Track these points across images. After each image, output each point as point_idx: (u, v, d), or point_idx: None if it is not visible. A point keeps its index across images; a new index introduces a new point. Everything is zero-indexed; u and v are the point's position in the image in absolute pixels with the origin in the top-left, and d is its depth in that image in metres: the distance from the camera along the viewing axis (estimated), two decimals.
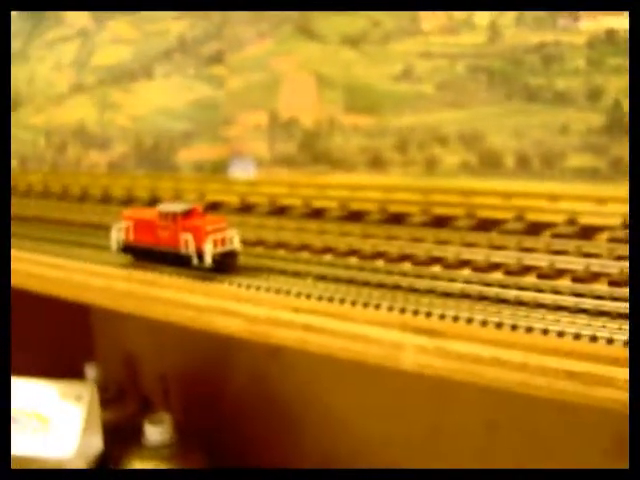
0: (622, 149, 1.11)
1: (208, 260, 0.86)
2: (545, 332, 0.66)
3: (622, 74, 1.10)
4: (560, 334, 0.65)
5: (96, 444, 1.20)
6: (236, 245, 0.89)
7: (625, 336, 0.63)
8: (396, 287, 0.79)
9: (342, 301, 0.77)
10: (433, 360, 0.68)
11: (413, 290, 0.78)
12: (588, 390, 0.62)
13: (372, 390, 1.26)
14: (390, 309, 0.74)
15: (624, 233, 0.90)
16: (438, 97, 1.24)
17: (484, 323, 0.68)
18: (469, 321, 0.69)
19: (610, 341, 0.63)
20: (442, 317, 0.70)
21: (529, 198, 1.04)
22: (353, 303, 0.76)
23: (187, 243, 0.88)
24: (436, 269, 0.84)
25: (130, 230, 0.94)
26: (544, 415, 1.09)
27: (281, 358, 1.36)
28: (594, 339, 0.64)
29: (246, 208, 1.19)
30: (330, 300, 0.78)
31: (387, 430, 1.28)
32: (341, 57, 1.33)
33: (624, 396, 0.60)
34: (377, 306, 0.74)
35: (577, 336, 0.64)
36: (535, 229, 0.96)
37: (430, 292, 0.77)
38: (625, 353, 0.62)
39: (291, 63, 1.39)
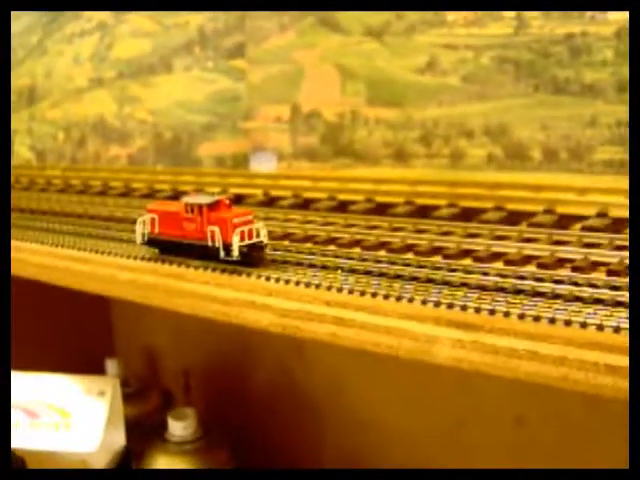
0: None
1: (235, 253, 0.85)
2: (584, 325, 0.64)
3: None
4: (600, 327, 0.64)
5: (119, 439, 1.19)
6: (263, 238, 0.87)
7: None
8: (429, 280, 0.78)
9: (374, 294, 0.76)
10: (469, 354, 0.67)
11: (446, 283, 0.77)
12: (627, 384, 0.60)
13: (398, 384, 1.25)
14: (424, 302, 0.72)
15: None
16: (463, 89, 1.23)
17: (521, 316, 0.67)
18: (506, 314, 0.68)
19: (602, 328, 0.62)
20: (477, 310, 0.69)
21: (558, 191, 1.03)
22: (386, 296, 0.75)
23: (214, 236, 0.86)
24: (467, 262, 0.83)
25: (155, 223, 0.93)
26: (574, 410, 1.08)
27: (306, 353, 1.35)
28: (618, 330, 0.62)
29: (269, 201, 1.18)
30: (362, 294, 0.76)
31: (413, 425, 1.27)
32: (364, 49, 1.32)
33: None
34: (410, 299, 0.73)
35: (617, 329, 0.63)
36: (565, 222, 0.94)
37: (463, 285, 0.76)
38: None
39: (313, 55, 1.38)
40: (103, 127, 1.79)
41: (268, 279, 0.83)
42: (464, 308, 0.70)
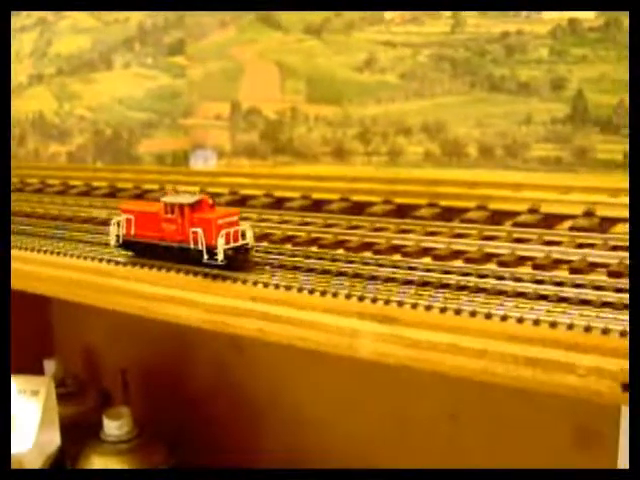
0: (585, 139, 1.11)
1: (220, 256, 0.80)
2: (504, 318, 0.65)
3: (585, 64, 1.10)
4: (520, 320, 0.64)
5: (54, 440, 1.17)
6: (249, 240, 0.83)
7: (586, 322, 0.62)
8: (356, 275, 0.78)
9: (300, 289, 0.75)
10: (391, 348, 0.67)
11: (373, 278, 0.77)
12: (548, 377, 0.61)
13: (337, 382, 1.25)
14: (348, 297, 0.72)
15: (586, 221, 0.90)
16: (401, 87, 1.23)
17: (443, 310, 0.67)
18: (428, 308, 0.68)
19: (570, 327, 0.62)
20: (400, 304, 0.69)
21: (492, 187, 1.03)
22: (311, 291, 0.75)
23: (196, 238, 0.82)
24: (397, 257, 0.83)
25: (131, 224, 0.88)
26: (507, 405, 1.08)
27: (245, 351, 1.34)
28: (554, 325, 0.63)
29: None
30: (288, 288, 0.76)
31: (353, 422, 1.26)
32: (303, 46, 1.31)
33: (584, 383, 0.59)
34: (335, 294, 0.73)
35: (536, 322, 0.63)
36: (498, 218, 0.95)
37: (390, 280, 0.76)
38: (585, 339, 0.61)
39: (253, 52, 1.37)
40: (43, 124, 1.77)
41: (214, 278, 0.82)
42: (387, 302, 0.70)
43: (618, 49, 1.08)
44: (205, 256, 0.81)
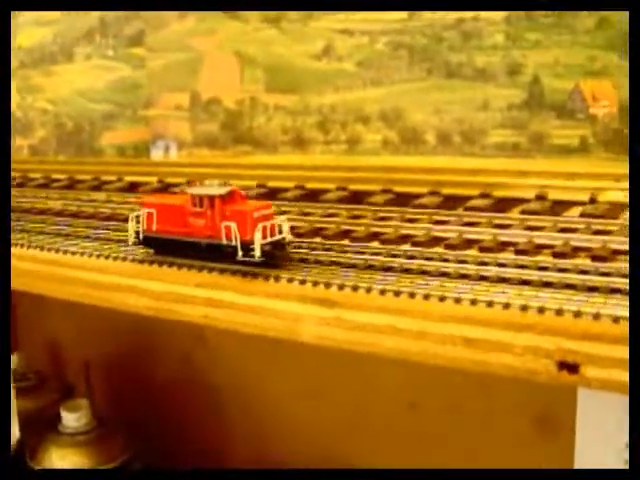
0: (541, 124, 1.11)
1: (258, 252, 0.73)
2: (442, 299, 0.64)
3: (540, 49, 1.10)
4: (457, 300, 0.64)
5: (13, 433, 1.16)
6: (286, 234, 0.77)
7: (523, 301, 0.62)
8: (302, 260, 0.77)
9: (244, 274, 0.75)
10: (332, 331, 0.67)
11: (317, 262, 0.76)
12: (485, 357, 0.60)
13: (300, 373, 1.24)
14: (290, 281, 0.72)
15: (538, 205, 0.90)
16: (359, 74, 1.23)
17: (383, 292, 0.67)
18: (368, 290, 0.68)
19: (507, 306, 0.62)
20: (341, 287, 0.69)
21: (447, 173, 1.03)
22: (254, 275, 0.74)
23: (229, 232, 0.74)
24: (345, 242, 0.82)
25: (152, 219, 0.80)
26: (466, 392, 1.08)
27: (207, 342, 1.33)
28: (490, 305, 0.63)
29: (164, 189, 1.16)
30: (233, 273, 0.76)
31: (315, 412, 1.26)
32: (262, 35, 1.31)
33: (520, 362, 0.59)
34: (277, 278, 0.73)
35: (474, 302, 0.63)
36: (451, 203, 0.95)
37: (335, 264, 0.75)
38: (521, 318, 0.61)
39: (212, 43, 1.36)
40: None
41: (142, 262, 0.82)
42: (328, 286, 0.70)
43: (572, 33, 1.08)
44: (239, 253, 0.73)
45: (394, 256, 0.76)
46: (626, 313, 0.59)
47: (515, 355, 0.59)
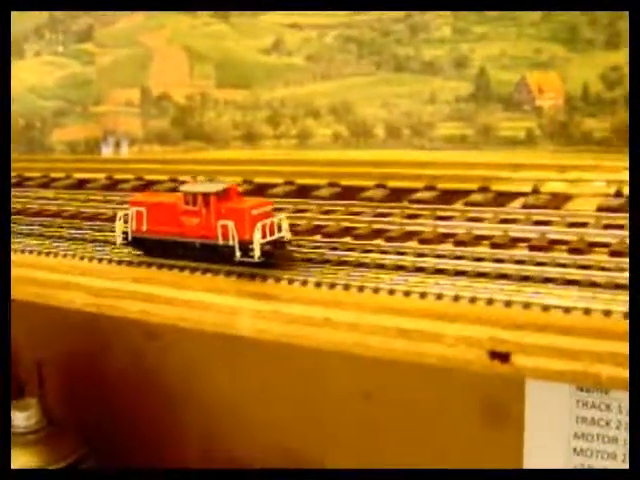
0: (488, 117, 1.11)
1: (257, 252, 0.70)
2: (376, 291, 0.65)
3: (486, 42, 1.10)
4: (391, 292, 0.64)
5: None
6: (285, 232, 0.74)
7: (455, 292, 0.62)
8: None
9: (182, 269, 0.75)
10: (269, 324, 0.67)
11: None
12: (418, 347, 0.61)
13: (251, 367, 1.24)
14: (228, 274, 0.72)
15: (480, 196, 0.90)
16: (309, 69, 1.23)
17: (318, 284, 0.67)
18: (304, 283, 0.68)
19: (439, 297, 0.62)
20: (277, 280, 0.69)
21: (394, 166, 1.04)
22: (193, 270, 0.74)
23: (226, 232, 0.71)
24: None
25: (142, 218, 0.77)
26: (418, 383, 1.08)
27: (159, 339, 1.33)
28: (423, 296, 0.63)
29: (112, 185, 1.16)
30: (170, 268, 0.75)
31: (268, 405, 1.26)
32: (212, 30, 1.30)
33: (453, 352, 0.59)
34: (216, 272, 0.72)
35: (407, 293, 0.63)
36: (396, 195, 0.95)
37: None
38: (454, 308, 0.61)
39: (161, 37, 1.35)
40: None
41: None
42: (264, 278, 0.70)
43: (518, 26, 1.08)
44: (237, 253, 0.70)
45: (333, 249, 0.76)
46: (556, 302, 0.60)
47: (448, 345, 0.59)
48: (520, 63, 1.09)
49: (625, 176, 0.93)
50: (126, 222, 0.77)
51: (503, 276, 0.65)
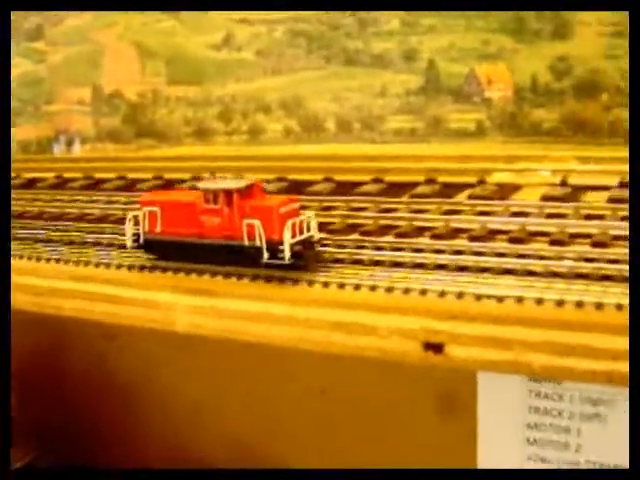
0: (438, 109, 1.11)
1: (287, 253, 0.65)
2: (310, 283, 0.64)
3: (435, 34, 1.10)
4: (325, 285, 0.64)
5: None
6: (314, 232, 0.69)
7: (388, 284, 0.62)
8: None
9: (119, 266, 0.74)
10: (206, 320, 0.66)
11: None
12: (353, 340, 0.60)
13: (209, 364, 1.23)
14: (164, 270, 0.71)
15: (427, 188, 0.90)
16: (259, 64, 1.22)
17: (255, 278, 0.66)
18: (239, 277, 0.67)
19: (373, 289, 0.62)
20: (214, 275, 0.68)
21: (344, 160, 1.03)
22: (130, 267, 0.73)
23: (253, 232, 0.65)
24: None
25: (156, 219, 0.70)
26: (373, 377, 1.08)
27: (119, 341, 1.31)
28: (358, 288, 0.62)
29: (60, 184, 1.15)
30: (107, 266, 0.74)
31: (226, 402, 1.25)
32: (162, 27, 1.29)
33: (387, 344, 0.59)
34: (152, 269, 0.72)
35: (341, 286, 0.63)
36: (343, 189, 0.95)
37: None
38: (386, 300, 0.61)
39: (112, 35, 1.34)
40: None
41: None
42: (201, 274, 0.69)
43: (465, 17, 1.08)
44: (265, 254, 0.65)
45: None
46: (490, 291, 0.59)
47: (382, 337, 0.59)
48: (469, 55, 1.09)
49: (571, 165, 0.93)
50: (137, 224, 0.72)
51: (440, 267, 0.65)
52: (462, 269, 0.64)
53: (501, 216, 0.78)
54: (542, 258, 0.65)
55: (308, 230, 0.67)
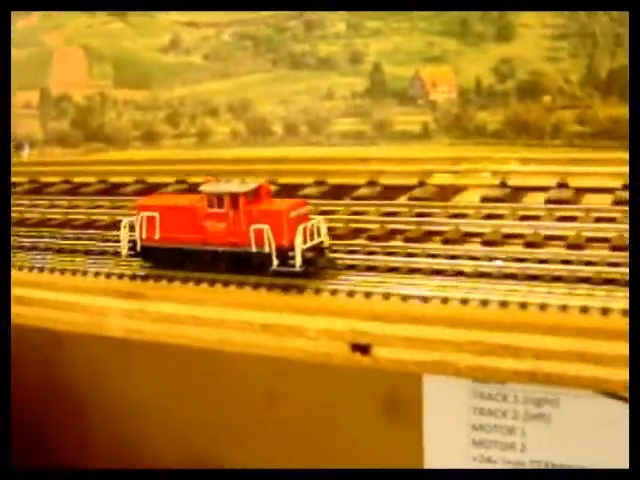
0: (384, 112, 1.11)
1: (298, 260, 0.61)
2: (241, 285, 0.64)
3: (380, 37, 1.11)
4: (256, 286, 0.63)
5: None
6: (324, 237, 0.65)
7: (316, 285, 0.62)
8: (102, 252, 0.76)
9: (52, 271, 0.73)
10: (138, 324, 0.66)
11: (116, 254, 0.75)
12: (280, 342, 0.60)
13: (159, 372, 1.23)
14: (97, 275, 0.71)
15: (368, 190, 0.90)
16: (206, 67, 1.22)
17: (185, 280, 0.66)
18: (170, 280, 0.67)
19: (301, 290, 0.62)
20: (145, 279, 0.68)
21: (287, 163, 1.03)
22: (62, 271, 0.73)
23: (261, 237, 0.62)
24: None
25: (154, 225, 0.66)
26: (319, 380, 1.08)
27: (65, 345, 1.30)
28: (286, 289, 0.62)
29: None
30: (41, 270, 0.74)
31: (175, 408, 1.25)
32: (109, 29, 1.28)
33: (314, 346, 0.59)
34: (84, 273, 0.71)
35: (270, 287, 0.63)
36: (286, 191, 0.95)
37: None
38: (314, 302, 0.61)
39: (60, 38, 1.33)
40: None
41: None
42: (133, 278, 0.69)
43: (410, 20, 1.09)
44: (275, 261, 0.62)
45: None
46: (416, 292, 0.60)
47: (309, 339, 0.59)
48: (414, 58, 1.10)
49: (512, 167, 0.94)
50: (133, 230, 0.68)
51: (371, 268, 0.65)
52: (392, 270, 0.64)
53: (439, 217, 0.78)
54: (473, 259, 0.66)
55: (318, 235, 0.63)
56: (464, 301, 0.58)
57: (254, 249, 0.61)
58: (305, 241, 0.61)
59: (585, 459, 0.86)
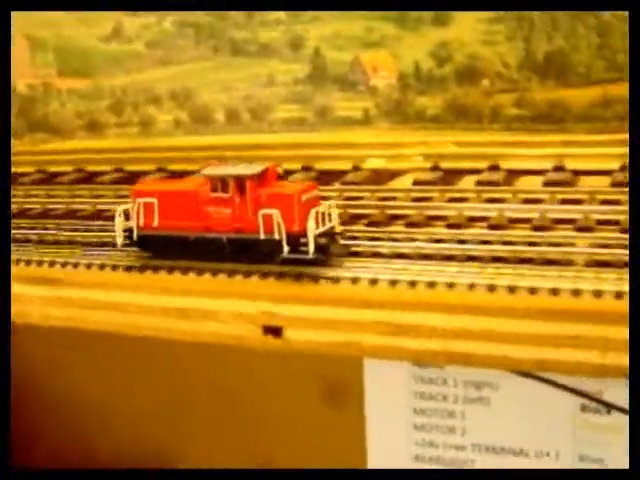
0: (325, 98, 1.11)
1: (311, 247, 0.57)
2: (156, 270, 0.64)
3: (320, 22, 1.10)
4: (170, 270, 0.63)
5: None
6: (335, 222, 0.61)
7: (232, 267, 0.62)
8: (40, 242, 0.76)
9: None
10: (55, 310, 0.66)
11: (55, 243, 0.74)
12: (194, 326, 0.60)
13: (113, 366, 1.22)
14: (28, 263, 0.70)
15: (302, 176, 0.90)
16: (148, 55, 1.21)
17: (102, 267, 0.66)
18: (89, 266, 0.66)
19: (215, 273, 0.62)
20: (64, 265, 0.68)
21: (229, 150, 1.03)
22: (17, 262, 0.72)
23: (270, 223, 0.58)
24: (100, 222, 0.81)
25: (152, 212, 0.62)
26: (260, 367, 1.08)
27: (14, 338, 1.30)
28: (201, 273, 0.62)
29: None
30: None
31: (121, 401, 1.24)
32: (51, 17, 1.27)
33: (226, 329, 0.59)
34: (17, 262, 0.71)
35: (186, 270, 0.62)
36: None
37: (59, 242, 0.74)
38: (227, 285, 0.61)
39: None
40: None
41: None
42: (52, 264, 0.68)
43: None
44: (285, 248, 0.58)
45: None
46: (327, 273, 0.59)
47: (221, 322, 0.59)
48: (353, 43, 1.09)
49: (445, 149, 0.94)
50: (128, 218, 0.63)
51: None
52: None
53: (368, 200, 0.78)
54: (393, 240, 0.66)
55: (330, 220, 0.59)
56: (373, 281, 0.58)
57: (262, 236, 0.57)
58: (317, 226, 0.57)
59: (524, 442, 0.87)
